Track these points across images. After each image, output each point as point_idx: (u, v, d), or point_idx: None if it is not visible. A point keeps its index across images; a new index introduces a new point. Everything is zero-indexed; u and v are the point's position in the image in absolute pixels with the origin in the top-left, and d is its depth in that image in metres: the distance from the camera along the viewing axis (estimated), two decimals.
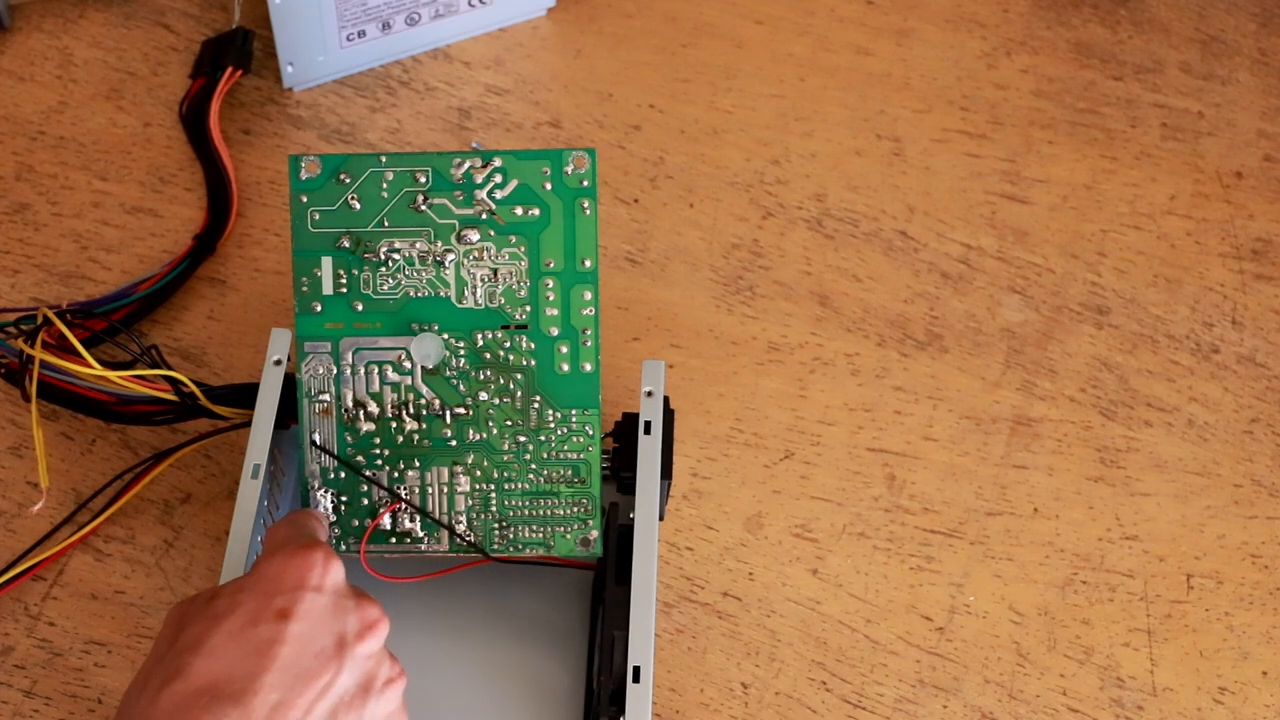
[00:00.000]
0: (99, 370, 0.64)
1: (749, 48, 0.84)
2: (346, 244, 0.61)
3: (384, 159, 0.61)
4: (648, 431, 0.62)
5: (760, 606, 0.67)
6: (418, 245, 0.61)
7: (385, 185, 0.60)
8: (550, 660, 0.63)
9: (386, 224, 0.61)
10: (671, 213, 0.78)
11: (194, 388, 0.65)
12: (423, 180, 0.60)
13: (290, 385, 0.63)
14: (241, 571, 0.58)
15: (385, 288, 0.61)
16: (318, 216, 0.61)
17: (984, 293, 0.76)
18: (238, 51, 0.78)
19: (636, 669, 0.56)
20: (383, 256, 0.61)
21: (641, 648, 0.57)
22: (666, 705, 0.64)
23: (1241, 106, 0.84)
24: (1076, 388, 0.74)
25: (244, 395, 0.65)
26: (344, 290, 0.61)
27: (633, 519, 0.60)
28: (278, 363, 0.63)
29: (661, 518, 0.64)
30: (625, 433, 0.63)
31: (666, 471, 0.62)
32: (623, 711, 0.56)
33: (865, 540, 0.68)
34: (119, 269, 0.74)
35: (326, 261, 0.61)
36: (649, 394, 0.63)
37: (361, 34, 0.79)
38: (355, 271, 0.61)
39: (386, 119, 0.80)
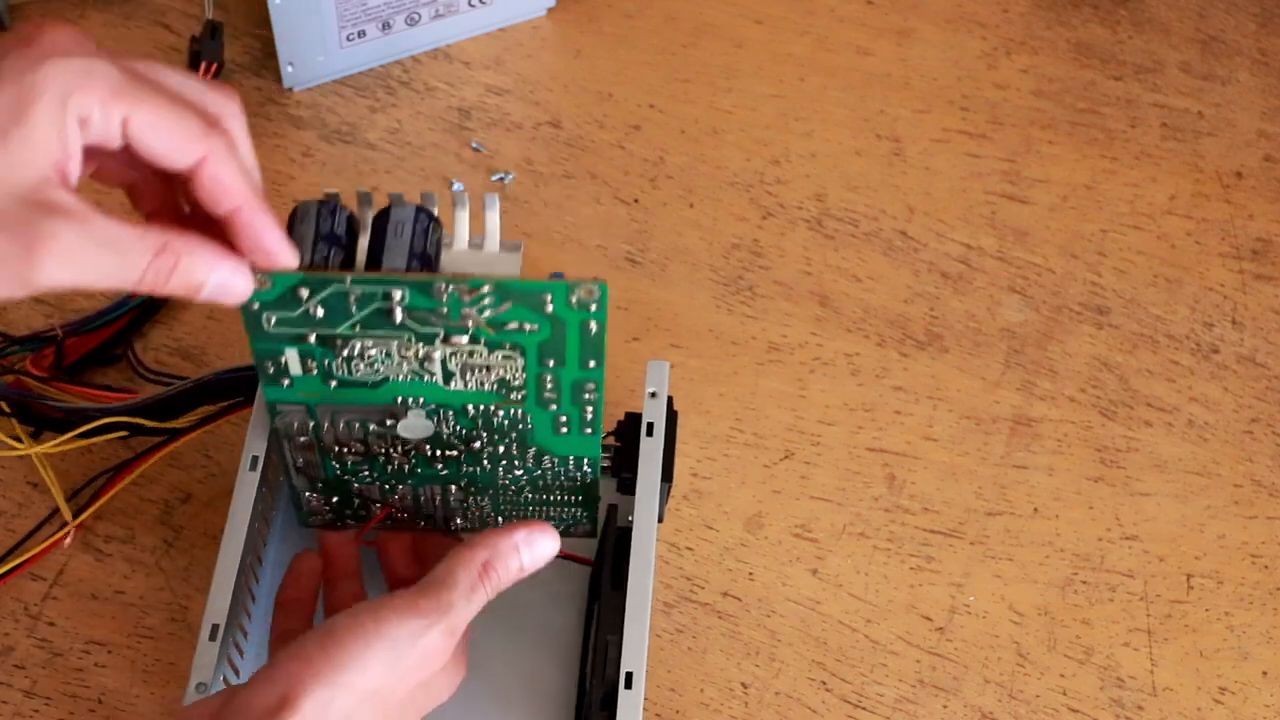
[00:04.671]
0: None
1: (749, 48, 0.84)
2: (313, 340, 0.53)
3: (349, 279, 0.51)
4: (650, 433, 0.61)
5: (760, 606, 0.67)
6: (396, 344, 0.53)
7: (353, 300, 0.52)
8: (545, 659, 0.63)
9: (359, 328, 0.53)
10: (671, 213, 0.78)
11: (141, 421, 0.65)
12: (398, 296, 0.51)
13: None
14: (235, 564, 0.57)
15: (361, 372, 0.54)
16: (274, 320, 0.52)
17: (984, 293, 0.76)
18: (208, 46, 0.78)
19: (629, 675, 0.55)
20: (357, 352, 0.53)
21: (635, 653, 0.56)
22: (666, 705, 0.64)
23: (1241, 106, 0.84)
24: (1076, 388, 0.74)
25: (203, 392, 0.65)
26: (314, 373, 0.54)
27: (631, 521, 0.59)
28: None
29: (661, 519, 0.64)
30: (627, 432, 0.62)
31: (667, 474, 0.61)
32: (614, 717, 0.55)
33: (865, 540, 0.68)
34: None
35: (291, 353, 0.54)
36: (653, 395, 0.61)
37: (361, 34, 0.79)
38: (327, 361, 0.54)
39: (386, 119, 0.80)
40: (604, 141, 0.80)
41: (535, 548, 0.54)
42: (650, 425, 0.61)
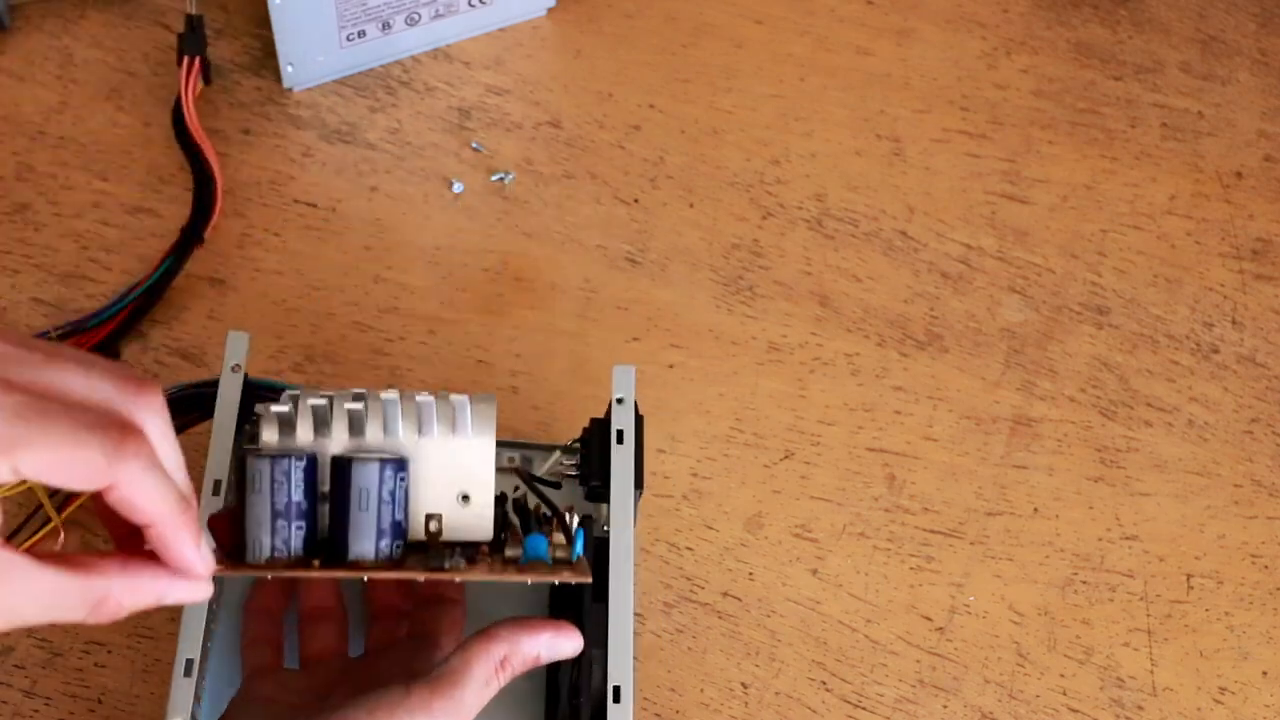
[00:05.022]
0: None
1: (749, 48, 0.84)
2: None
3: (315, 576, 0.51)
4: (620, 441, 0.58)
5: (760, 606, 0.67)
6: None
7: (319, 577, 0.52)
8: None
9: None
10: (671, 213, 0.78)
11: None
12: (368, 576, 0.52)
13: (250, 395, 0.58)
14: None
15: None
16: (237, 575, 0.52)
17: (984, 293, 0.76)
18: (189, 41, 0.78)
19: (617, 689, 0.54)
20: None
21: (621, 667, 0.54)
22: (667, 705, 0.64)
23: (1241, 106, 0.84)
24: (1076, 388, 0.74)
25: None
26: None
27: (607, 531, 0.57)
28: (235, 368, 0.59)
29: (634, 524, 0.61)
30: (594, 439, 0.59)
31: (638, 481, 0.59)
32: None
33: (865, 540, 0.68)
34: (119, 269, 0.74)
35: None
36: (619, 401, 0.58)
37: (361, 34, 0.79)
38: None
39: (386, 119, 0.80)
40: (604, 141, 0.80)
41: (557, 647, 0.54)
42: (620, 433, 0.58)
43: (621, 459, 0.58)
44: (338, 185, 0.77)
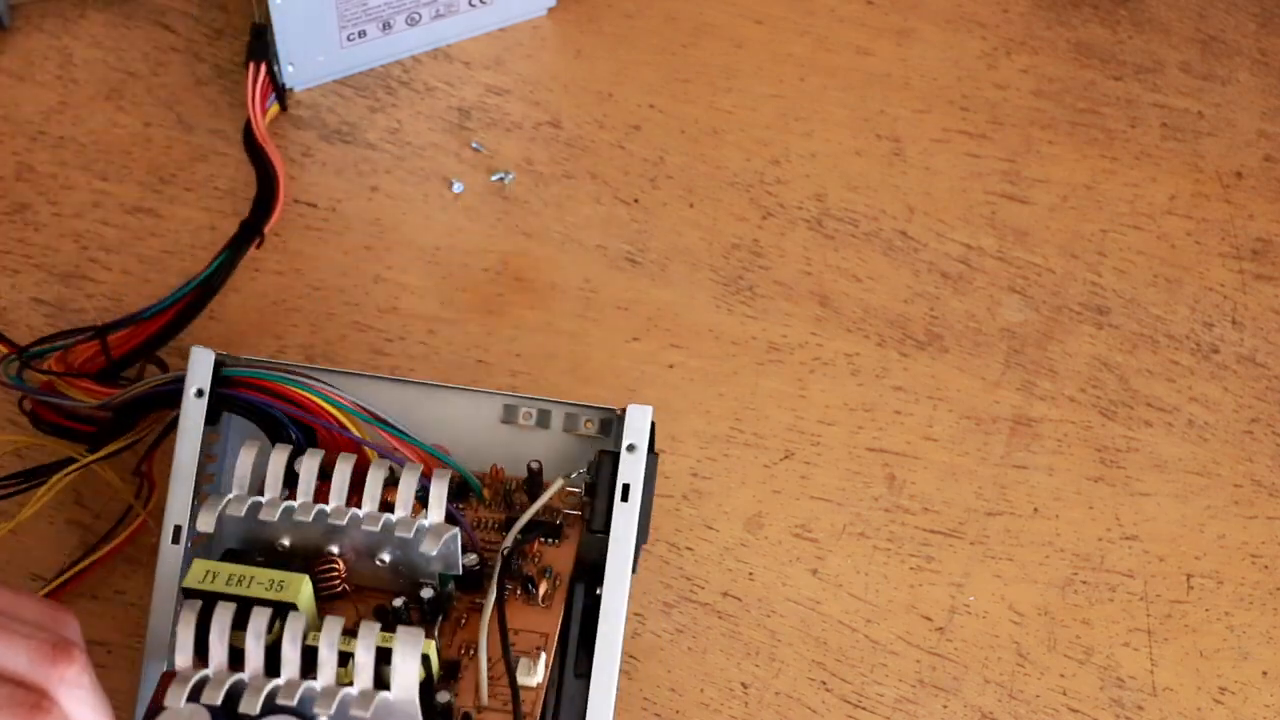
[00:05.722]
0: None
1: (749, 48, 0.84)
2: None
3: None
4: (625, 497, 0.52)
5: (760, 606, 0.67)
6: None
7: None
8: None
9: None
10: (671, 213, 0.78)
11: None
12: None
13: (216, 408, 0.55)
14: (165, 637, 0.54)
15: None
16: None
17: (984, 293, 0.76)
18: (256, 47, 0.77)
19: None
20: None
21: None
22: (667, 705, 0.64)
23: (1241, 106, 0.84)
24: (1076, 388, 0.74)
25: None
26: None
27: (599, 595, 0.53)
28: (199, 393, 0.55)
29: (634, 571, 0.57)
30: (600, 478, 0.54)
31: (643, 534, 0.54)
32: None
33: (865, 540, 0.68)
34: (119, 269, 0.74)
35: None
36: (630, 448, 0.53)
37: (361, 34, 0.79)
38: None
39: (386, 119, 0.80)
40: (604, 141, 0.80)
41: None
42: (626, 488, 0.53)
43: (625, 518, 0.53)
44: (338, 185, 0.77)
